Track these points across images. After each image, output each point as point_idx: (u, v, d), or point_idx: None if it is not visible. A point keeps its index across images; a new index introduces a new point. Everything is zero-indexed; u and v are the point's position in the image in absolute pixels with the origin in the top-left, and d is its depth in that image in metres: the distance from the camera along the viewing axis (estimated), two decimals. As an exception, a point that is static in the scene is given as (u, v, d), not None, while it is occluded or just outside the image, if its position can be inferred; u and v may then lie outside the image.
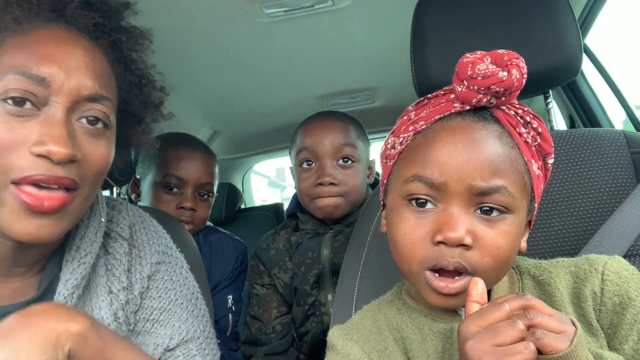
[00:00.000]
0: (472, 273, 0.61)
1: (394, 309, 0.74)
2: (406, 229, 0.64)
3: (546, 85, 1.07)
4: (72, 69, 0.69)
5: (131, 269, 0.84)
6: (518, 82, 0.61)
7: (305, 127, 1.42)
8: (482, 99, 0.63)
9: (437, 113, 0.66)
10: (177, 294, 0.90)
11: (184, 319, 0.89)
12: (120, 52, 0.78)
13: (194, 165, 1.49)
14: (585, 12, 1.57)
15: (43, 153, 0.64)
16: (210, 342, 0.94)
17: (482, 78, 0.61)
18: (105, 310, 0.77)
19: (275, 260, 1.44)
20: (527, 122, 0.65)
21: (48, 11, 0.71)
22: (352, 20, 1.58)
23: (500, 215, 0.62)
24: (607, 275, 0.64)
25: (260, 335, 1.43)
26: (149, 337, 0.85)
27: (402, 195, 0.66)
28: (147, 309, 0.85)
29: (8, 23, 0.68)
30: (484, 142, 0.62)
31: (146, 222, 0.92)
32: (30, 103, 0.66)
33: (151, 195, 1.49)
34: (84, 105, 0.70)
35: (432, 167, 0.63)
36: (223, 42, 1.63)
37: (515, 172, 0.63)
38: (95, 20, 0.74)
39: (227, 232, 1.74)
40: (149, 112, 0.84)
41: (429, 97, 0.69)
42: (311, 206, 1.40)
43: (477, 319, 0.54)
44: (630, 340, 0.61)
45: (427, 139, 0.65)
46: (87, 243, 0.78)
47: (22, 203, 0.64)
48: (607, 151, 0.94)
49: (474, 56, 0.63)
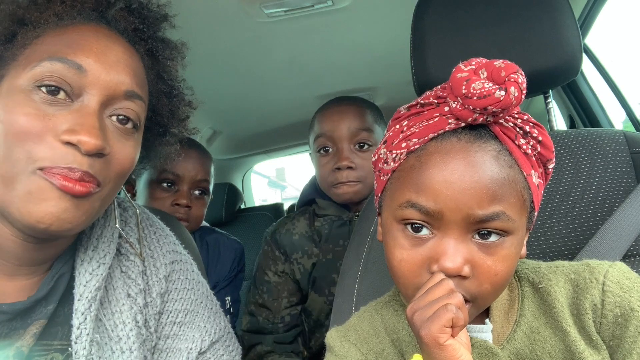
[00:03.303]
0: (471, 300, 0.61)
1: (390, 310, 0.74)
2: (402, 256, 0.62)
3: (546, 85, 1.07)
4: (110, 63, 0.68)
5: (146, 270, 0.83)
6: (517, 100, 0.58)
7: (322, 114, 1.44)
8: (478, 117, 0.59)
9: (431, 131, 0.62)
10: (196, 293, 0.90)
11: (207, 317, 0.90)
12: (155, 60, 0.79)
13: (190, 162, 1.50)
14: (585, 12, 1.57)
15: (73, 141, 0.63)
16: (233, 338, 0.95)
17: (478, 98, 0.57)
18: (126, 315, 0.76)
19: (299, 245, 1.43)
20: (526, 133, 0.62)
21: (91, 10, 0.72)
22: (352, 20, 1.58)
23: (499, 239, 0.60)
24: (607, 286, 0.62)
25: (268, 325, 1.41)
26: (179, 341, 0.85)
27: (396, 219, 0.64)
28: (172, 312, 0.85)
29: (49, 17, 0.68)
30: (480, 167, 0.59)
31: (151, 220, 0.91)
32: (65, 93, 0.65)
33: (147, 192, 1.49)
34: (118, 103, 0.70)
35: (426, 194, 0.60)
36: (223, 42, 1.63)
37: (514, 193, 0.60)
38: (135, 26, 0.75)
39: (224, 232, 1.74)
40: (175, 124, 0.84)
41: (422, 103, 0.65)
42: (331, 191, 1.42)
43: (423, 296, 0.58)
44: (634, 353, 0.59)
45: (421, 162, 0.62)
46: (105, 243, 0.77)
47: (56, 184, 0.62)
48: (607, 151, 0.94)
49: (469, 69, 0.60)
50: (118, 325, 0.75)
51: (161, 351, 0.85)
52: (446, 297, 0.56)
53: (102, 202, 0.70)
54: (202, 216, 1.58)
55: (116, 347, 0.74)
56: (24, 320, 0.70)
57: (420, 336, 0.56)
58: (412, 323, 0.57)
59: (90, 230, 0.77)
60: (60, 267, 0.74)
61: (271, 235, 1.49)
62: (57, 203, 0.63)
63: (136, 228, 0.85)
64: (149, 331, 0.81)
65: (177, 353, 0.85)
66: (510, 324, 0.66)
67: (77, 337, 0.70)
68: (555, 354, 0.63)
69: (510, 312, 0.67)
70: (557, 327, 0.64)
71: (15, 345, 0.68)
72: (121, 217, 0.85)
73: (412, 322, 0.57)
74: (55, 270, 0.73)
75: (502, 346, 0.64)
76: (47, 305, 0.72)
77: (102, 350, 0.72)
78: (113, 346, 0.74)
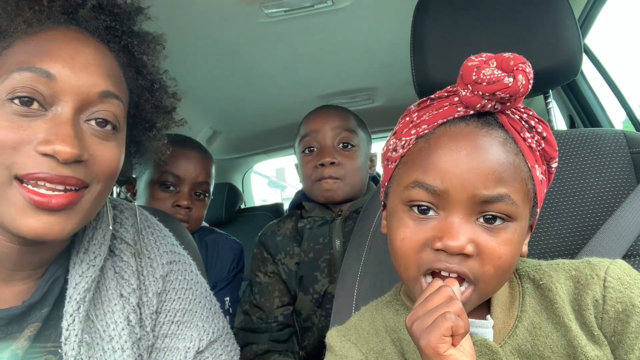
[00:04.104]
0: (474, 282, 0.61)
1: (392, 310, 0.74)
2: (405, 234, 0.64)
3: (546, 85, 1.07)
4: (81, 66, 0.67)
5: (142, 270, 0.84)
6: (524, 87, 0.59)
7: (307, 118, 1.53)
8: (486, 104, 0.61)
9: (440, 117, 0.64)
10: (194, 292, 0.90)
11: (205, 317, 0.90)
12: (132, 56, 0.77)
13: (191, 164, 1.50)
14: (585, 12, 1.57)
15: (49, 152, 0.62)
16: (231, 338, 0.95)
17: (487, 83, 0.59)
18: (118, 315, 0.77)
19: (282, 246, 1.46)
20: (531, 127, 0.64)
21: (59, 13, 0.70)
22: (352, 20, 1.58)
23: (503, 223, 0.61)
24: (609, 282, 0.63)
25: (262, 324, 1.43)
26: (177, 340, 0.86)
27: (403, 201, 0.65)
28: (171, 312, 0.86)
29: (18, 25, 0.67)
30: (487, 150, 0.61)
31: (149, 220, 0.92)
32: (38, 103, 0.65)
33: (147, 193, 1.49)
34: (94, 106, 0.69)
35: (433, 174, 0.61)
36: (223, 42, 1.63)
37: (518, 179, 0.62)
38: (106, 24, 0.73)
39: (223, 232, 1.74)
40: (161, 118, 0.83)
41: (432, 97, 0.68)
42: (314, 189, 1.46)
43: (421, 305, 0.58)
44: (636, 349, 0.60)
45: (430, 144, 0.64)
46: (96, 245, 0.77)
47: (28, 200, 0.63)
48: (607, 151, 0.94)
49: (479, 59, 0.61)
50: (110, 325, 0.75)
51: (159, 350, 0.85)
52: (445, 305, 0.56)
53: (93, 203, 0.70)
54: (202, 217, 1.58)
55: (108, 346, 0.74)
56: (19, 324, 0.70)
57: (420, 346, 0.55)
58: (411, 333, 0.57)
59: (82, 233, 0.77)
60: (54, 270, 0.74)
61: (259, 237, 1.53)
62: (38, 219, 0.64)
63: (132, 229, 0.85)
64: (144, 330, 0.81)
65: (175, 352, 0.85)
66: (512, 319, 0.66)
67: (66, 338, 0.70)
68: (557, 349, 0.63)
69: (511, 308, 0.67)
70: (558, 322, 0.64)
71: (10, 347, 0.68)
72: (117, 218, 0.85)
73: (411, 332, 0.57)
74: (50, 274, 0.73)
75: (504, 342, 0.65)
76: (41, 308, 0.72)
77: (92, 350, 0.73)
78: (105, 346, 0.74)
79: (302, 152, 1.50)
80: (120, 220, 0.86)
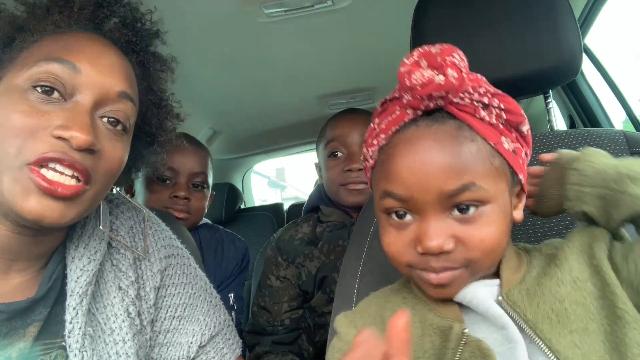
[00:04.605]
0: (465, 266, 0.63)
1: (399, 297, 0.75)
2: (389, 239, 0.67)
3: (546, 85, 1.07)
4: (104, 66, 0.71)
5: (140, 264, 0.84)
6: (458, 80, 0.60)
7: (334, 121, 1.53)
8: (428, 104, 0.63)
9: (393, 124, 0.66)
10: (194, 287, 0.91)
11: (206, 311, 0.91)
12: (147, 71, 0.82)
13: (186, 156, 1.52)
14: (585, 12, 1.57)
15: (65, 136, 0.65)
16: (233, 331, 0.97)
17: (421, 87, 0.60)
18: (117, 307, 0.78)
19: (301, 250, 1.47)
20: (486, 105, 0.63)
21: (87, 20, 0.75)
22: (352, 21, 1.58)
23: (478, 210, 0.62)
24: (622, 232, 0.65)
25: (268, 327, 1.45)
26: (179, 335, 0.87)
27: (380, 209, 0.68)
28: (171, 307, 0.87)
29: (47, 26, 0.72)
30: (440, 147, 0.61)
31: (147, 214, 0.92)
32: (59, 93, 0.68)
33: (145, 189, 1.50)
34: (110, 104, 0.72)
35: (396, 183, 0.63)
36: (223, 42, 1.63)
37: (480, 163, 0.62)
38: (128, 38, 0.78)
39: (228, 231, 1.75)
40: (163, 135, 0.87)
41: (387, 98, 0.69)
42: (340, 193, 1.47)
43: None
44: None
45: (388, 154, 0.66)
46: (96, 241, 0.78)
47: (35, 183, 0.64)
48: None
49: (411, 61, 0.62)
50: (110, 317, 0.77)
51: (162, 345, 0.86)
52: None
53: (92, 200, 0.72)
54: (202, 209, 1.59)
55: (109, 338, 0.75)
56: (23, 320, 0.70)
57: None
58: None
59: (82, 229, 0.78)
60: (55, 266, 0.75)
61: (276, 241, 1.53)
62: (40, 201, 0.65)
63: (127, 222, 0.86)
64: (142, 324, 0.82)
65: (177, 347, 0.86)
66: (521, 274, 0.67)
67: (69, 331, 0.71)
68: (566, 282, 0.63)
69: (519, 269, 0.68)
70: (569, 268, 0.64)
71: (17, 346, 0.69)
72: (112, 212, 0.86)
73: None
74: (52, 269, 0.74)
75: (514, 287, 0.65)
76: (45, 305, 0.73)
77: (95, 342, 0.74)
78: (106, 338, 0.75)
79: (327, 156, 1.50)
80: (117, 214, 0.87)
